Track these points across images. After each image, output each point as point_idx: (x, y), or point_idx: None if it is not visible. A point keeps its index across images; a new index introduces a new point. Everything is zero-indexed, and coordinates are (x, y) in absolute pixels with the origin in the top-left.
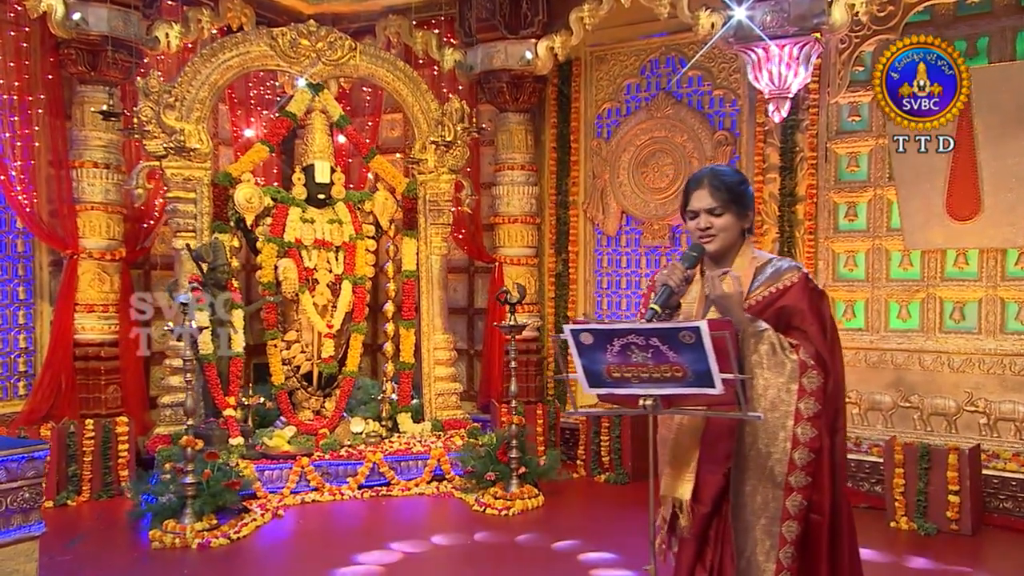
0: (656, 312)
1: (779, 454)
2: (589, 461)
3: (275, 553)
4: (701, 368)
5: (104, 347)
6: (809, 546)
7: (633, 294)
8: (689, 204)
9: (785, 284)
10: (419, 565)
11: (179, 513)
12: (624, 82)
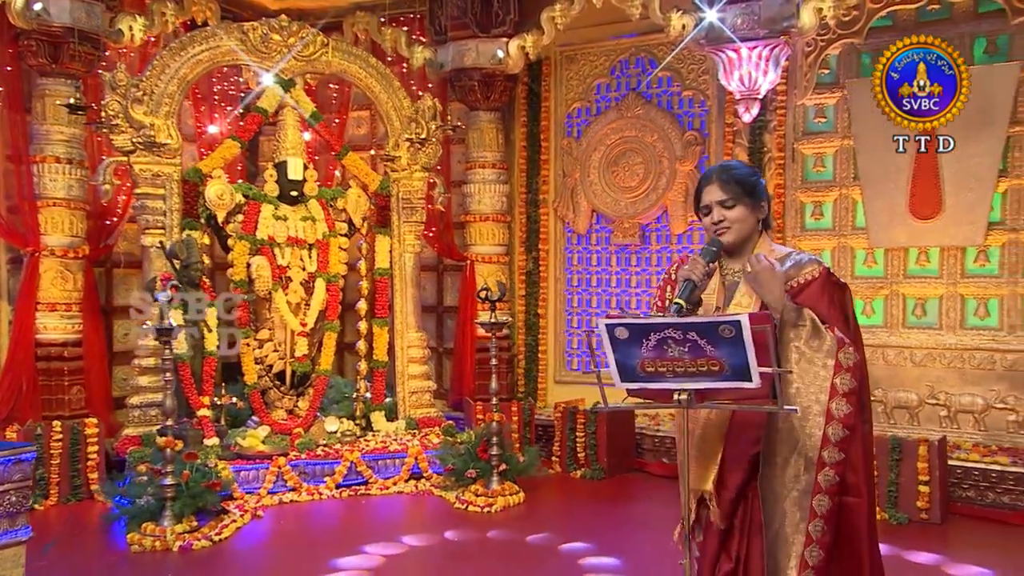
0: (681, 306)
1: (813, 428)
2: (565, 457)
3: (260, 555)
4: (739, 362)
5: (67, 347)
6: (846, 529)
7: (604, 291)
8: (701, 200)
9: (807, 278)
10: (412, 563)
11: (158, 515)
12: (594, 82)
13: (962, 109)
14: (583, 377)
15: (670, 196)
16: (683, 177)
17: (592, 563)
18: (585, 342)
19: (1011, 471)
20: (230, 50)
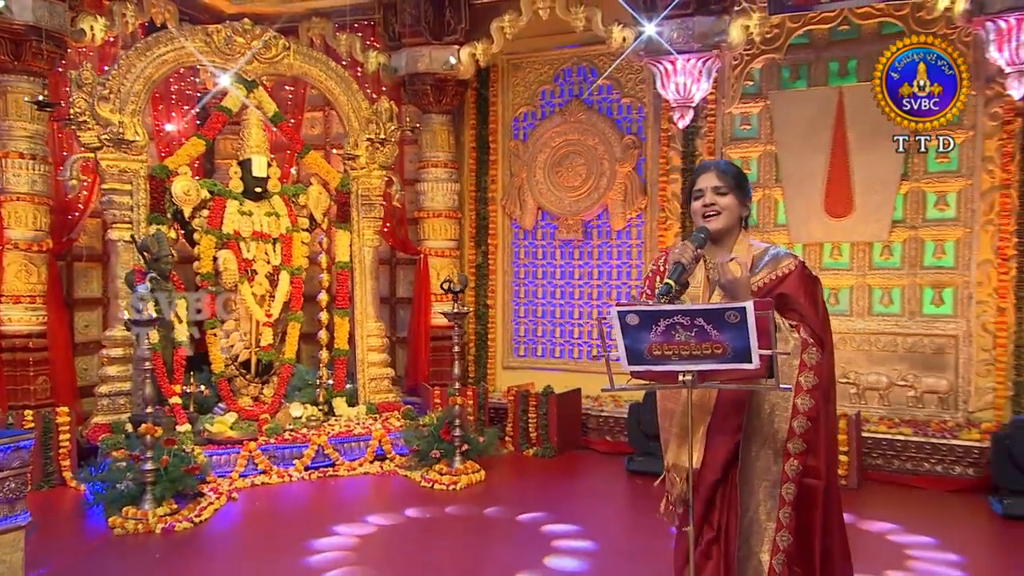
0: (671, 287)
1: (780, 423)
2: (517, 437)
3: (240, 535)
4: (741, 345)
5: (32, 338)
6: (804, 506)
7: (549, 283)
8: (696, 185)
9: (784, 271)
10: (391, 538)
11: (138, 499)
12: (539, 88)
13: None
14: (529, 363)
15: (610, 195)
16: (622, 178)
17: (552, 530)
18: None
19: (913, 440)
20: (194, 51)
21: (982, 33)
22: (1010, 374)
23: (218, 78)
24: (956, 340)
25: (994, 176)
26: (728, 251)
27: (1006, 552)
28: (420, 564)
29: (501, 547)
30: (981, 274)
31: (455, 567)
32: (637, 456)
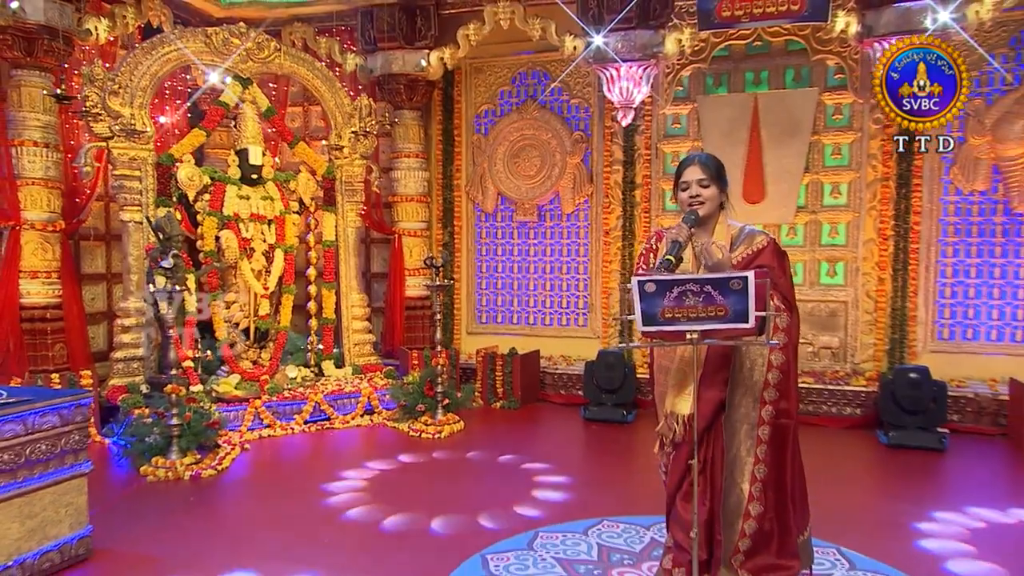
0: (671, 261)
1: (759, 375)
2: (486, 392)
3: (260, 479)
4: (740, 308)
5: (49, 310)
6: (780, 443)
7: (507, 259)
8: (682, 178)
9: (759, 246)
10: (396, 478)
11: (166, 450)
12: (498, 89)
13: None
14: (491, 329)
15: (562, 183)
16: (571, 168)
17: (531, 468)
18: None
19: (814, 388)
20: (196, 51)
21: (870, 51)
22: (888, 332)
23: (216, 76)
24: (846, 305)
25: (877, 170)
26: (710, 233)
27: (895, 474)
28: (427, 500)
29: (493, 484)
30: (866, 251)
31: (459, 502)
32: (591, 406)
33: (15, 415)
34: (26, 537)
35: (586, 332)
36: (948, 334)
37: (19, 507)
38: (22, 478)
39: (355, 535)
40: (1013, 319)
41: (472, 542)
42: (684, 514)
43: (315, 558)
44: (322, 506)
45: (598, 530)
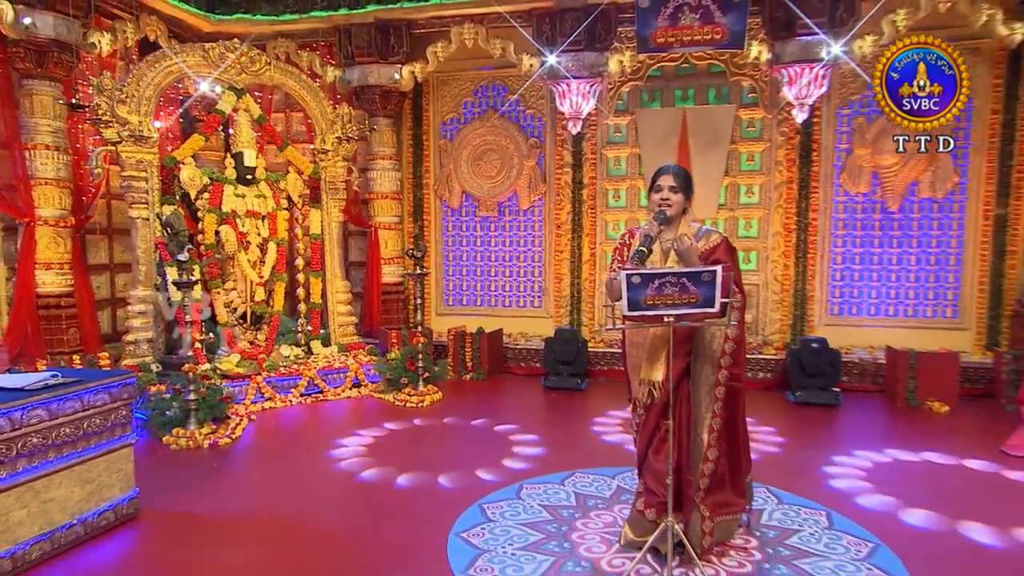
0: (644, 252)
1: (717, 346)
2: (457, 366)
3: (271, 445)
4: (709, 295)
5: (63, 298)
6: (733, 402)
7: (471, 249)
8: (657, 182)
9: (715, 243)
10: (392, 440)
11: (184, 422)
12: (463, 100)
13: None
14: (457, 310)
15: (519, 183)
16: (527, 170)
17: (506, 430)
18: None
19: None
20: (195, 64)
21: (778, 76)
22: (791, 309)
23: (207, 86)
24: (758, 287)
25: (783, 174)
26: (676, 230)
27: (802, 426)
28: (423, 460)
29: (475, 444)
30: (774, 242)
31: (451, 460)
32: (550, 376)
33: (74, 394)
34: (86, 499)
35: (541, 312)
36: (838, 310)
37: (80, 473)
38: (81, 448)
39: (367, 492)
40: (888, 298)
41: (469, 494)
42: (656, 464)
43: (336, 512)
44: (332, 468)
45: (573, 480)
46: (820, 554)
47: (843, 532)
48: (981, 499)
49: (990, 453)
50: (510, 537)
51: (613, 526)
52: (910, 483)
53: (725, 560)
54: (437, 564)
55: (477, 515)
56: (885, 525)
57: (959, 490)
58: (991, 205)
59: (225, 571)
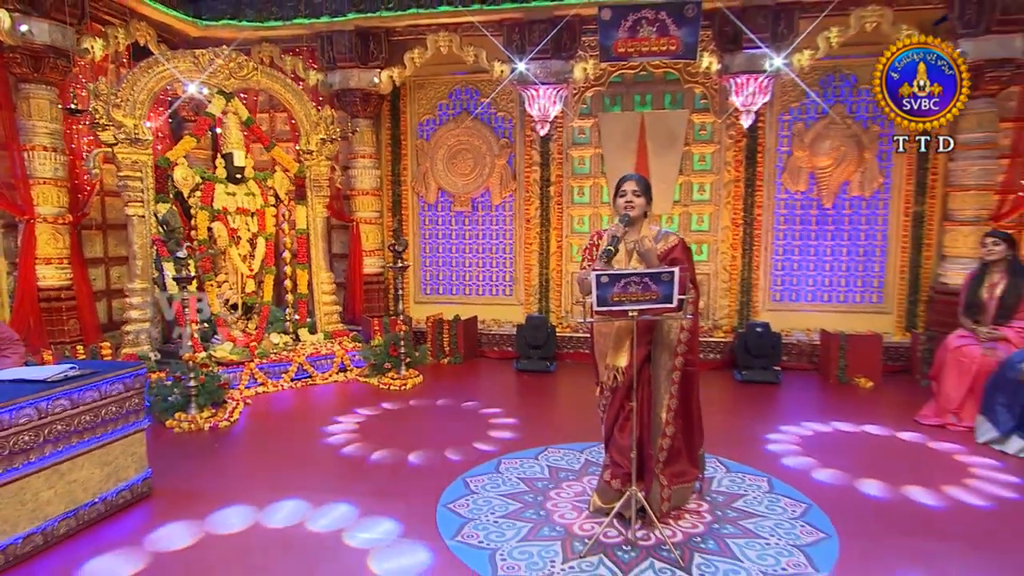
0: (611, 251)
1: (674, 336)
2: (435, 350)
3: (268, 426)
4: (668, 293)
5: (62, 291)
6: (688, 384)
7: (446, 242)
8: (621, 187)
9: (672, 244)
10: (379, 421)
11: (185, 407)
12: (438, 102)
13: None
14: (434, 299)
15: (491, 180)
16: (499, 168)
17: (482, 409)
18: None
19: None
20: (186, 69)
21: (727, 84)
22: (738, 296)
23: (195, 88)
24: (709, 276)
25: (731, 173)
26: (638, 232)
27: (747, 402)
28: (410, 438)
29: (457, 423)
30: (723, 235)
31: (435, 438)
32: (522, 359)
33: (92, 384)
34: (105, 479)
35: (512, 300)
36: (779, 297)
37: (99, 456)
38: (100, 434)
39: (360, 469)
40: (822, 285)
41: (453, 470)
42: (620, 440)
43: (337, 488)
44: (326, 446)
45: (546, 455)
46: (762, 515)
47: (781, 495)
48: (898, 463)
49: (907, 423)
50: (492, 507)
51: (583, 495)
52: (838, 450)
53: (681, 522)
54: (429, 532)
55: (461, 488)
56: (816, 488)
57: (879, 455)
58: (910, 203)
59: (233, 542)
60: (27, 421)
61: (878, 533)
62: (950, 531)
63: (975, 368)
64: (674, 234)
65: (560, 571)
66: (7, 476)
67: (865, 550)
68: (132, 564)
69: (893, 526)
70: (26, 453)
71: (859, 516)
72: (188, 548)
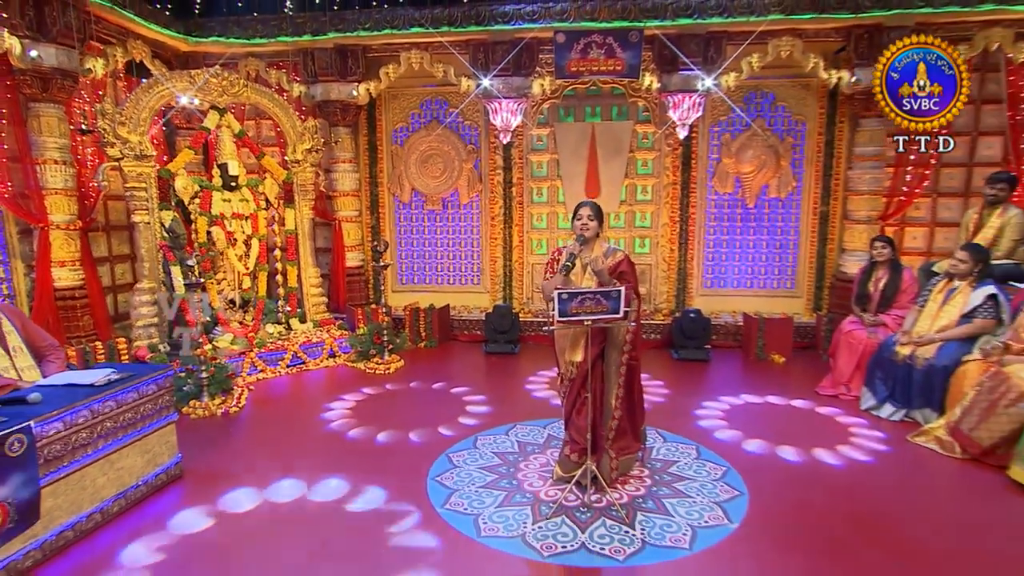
0: (569, 267)
1: (621, 338)
2: (413, 336)
3: (273, 410)
4: (616, 306)
5: (76, 290)
6: (631, 375)
7: (420, 237)
8: (577, 212)
9: (619, 259)
10: (372, 401)
11: (198, 396)
12: (410, 112)
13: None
14: (410, 288)
15: (460, 182)
16: (466, 171)
17: (457, 390)
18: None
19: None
20: (184, 88)
21: (665, 100)
22: (675, 284)
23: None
24: (650, 266)
25: (669, 177)
26: (592, 249)
27: (681, 376)
28: (398, 419)
29: (437, 404)
30: (663, 231)
31: (419, 418)
32: (490, 343)
33: (132, 387)
34: (146, 465)
35: (479, 289)
36: (710, 284)
37: (140, 447)
38: (140, 427)
39: (357, 448)
40: (745, 274)
41: (438, 447)
42: (577, 421)
43: (337, 465)
44: (325, 423)
45: (515, 431)
46: (690, 477)
47: (706, 460)
48: (799, 428)
49: (809, 394)
50: (472, 479)
51: (547, 466)
52: (753, 420)
53: (626, 487)
54: (422, 501)
55: (446, 463)
56: (734, 453)
57: (785, 423)
58: (817, 204)
59: (254, 515)
60: (84, 421)
61: (780, 488)
62: (837, 483)
63: (861, 348)
64: (621, 251)
65: (531, 530)
66: (71, 467)
67: (769, 504)
68: (175, 533)
69: (793, 482)
70: (84, 447)
71: (766, 475)
72: (223, 522)
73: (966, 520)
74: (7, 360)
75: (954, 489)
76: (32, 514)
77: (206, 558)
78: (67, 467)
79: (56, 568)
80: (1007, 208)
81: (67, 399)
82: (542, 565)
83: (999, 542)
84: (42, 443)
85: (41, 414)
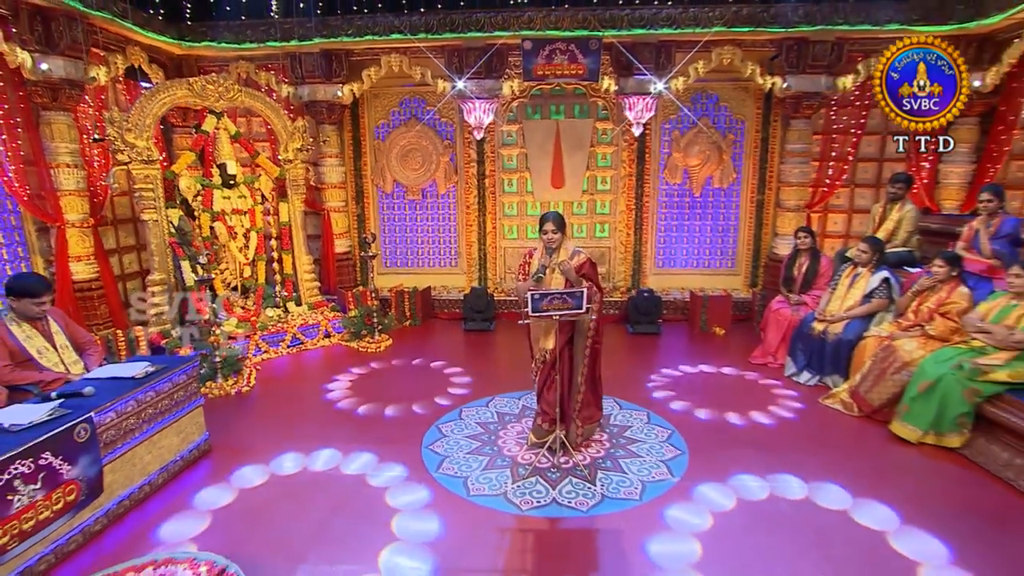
0: (540, 276)
1: (586, 327)
2: (399, 315)
3: (280, 387)
4: (579, 303)
5: (92, 283)
6: (595, 357)
7: (402, 224)
8: (543, 226)
9: (582, 260)
10: (369, 378)
11: (213, 377)
12: (391, 110)
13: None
14: (394, 271)
15: (437, 174)
16: (443, 164)
17: (440, 366)
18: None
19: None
20: (184, 95)
21: (622, 101)
22: (631, 264)
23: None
24: (610, 249)
25: (626, 169)
26: (559, 253)
27: (636, 350)
28: (391, 393)
29: (424, 380)
30: (620, 218)
31: (410, 392)
32: (468, 321)
33: (166, 378)
34: (181, 443)
35: (457, 271)
36: (661, 264)
37: (176, 428)
38: (175, 411)
39: (359, 421)
40: (692, 255)
41: (429, 418)
42: (548, 396)
43: (342, 436)
44: (328, 398)
45: (494, 403)
46: (641, 440)
47: (655, 425)
48: (733, 393)
49: (743, 362)
50: (460, 446)
51: (522, 433)
52: (695, 387)
53: (590, 450)
54: (417, 466)
55: (436, 433)
56: (679, 417)
57: (721, 389)
58: (754, 193)
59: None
60: (131, 409)
61: (716, 447)
62: (764, 440)
63: (786, 323)
64: (585, 253)
65: (511, 489)
66: (125, 448)
67: (707, 460)
68: (210, 501)
69: (727, 441)
70: (132, 432)
71: (704, 435)
72: (254, 488)
73: (849, 451)
74: (56, 356)
75: (847, 438)
76: (97, 488)
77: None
78: (120, 448)
79: (121, 529)
80: (904, 204)
81: (116, 391)
82: (522, 517)
83: (863, 459)
84: (100, 430)
85: (98, 405)
